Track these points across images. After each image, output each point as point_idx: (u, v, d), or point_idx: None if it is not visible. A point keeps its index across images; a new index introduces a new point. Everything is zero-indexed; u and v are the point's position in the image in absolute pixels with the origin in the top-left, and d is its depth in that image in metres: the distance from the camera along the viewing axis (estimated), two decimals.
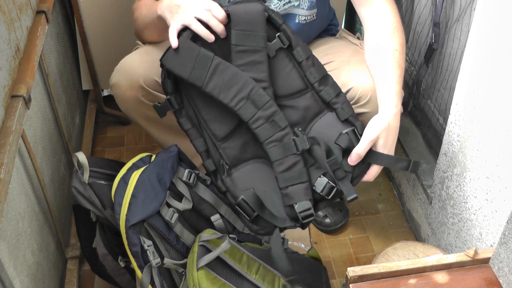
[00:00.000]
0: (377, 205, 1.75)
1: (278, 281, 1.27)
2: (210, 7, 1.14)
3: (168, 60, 1.15)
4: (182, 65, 1.14)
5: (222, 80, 1.12)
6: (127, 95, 1.32)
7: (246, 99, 1.12)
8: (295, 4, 1.37)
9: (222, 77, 1.12)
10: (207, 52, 1.13)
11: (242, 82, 1.12)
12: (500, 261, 0.96)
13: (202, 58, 1.13)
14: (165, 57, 1.15)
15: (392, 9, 1.27)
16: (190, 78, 1.14)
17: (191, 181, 1.28)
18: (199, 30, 1.14)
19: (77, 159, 1.25)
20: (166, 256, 1.21)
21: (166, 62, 1.15)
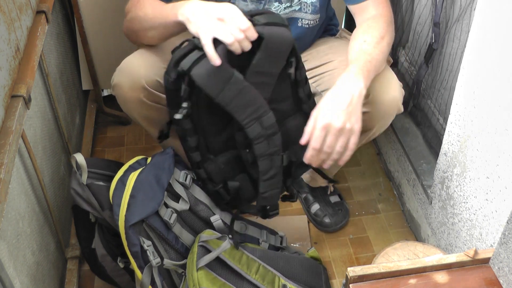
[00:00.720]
0: (377, 205, 1.75)
1: (278, 281, 1.27)
2: (245, 28, 1.11)
3: (200, 75, 1.13)
4: (213, 84, 1.14)
5: (242, 100, 1.17)
6: (129, 96, 1.31)
7: (257, 119, 1.20)
8: (296, 9, 1.37)
9: (243, 98, 1.17)
10: (238, 75, 1.15)
11: (258, 105, 1.20)
12: (500, 261, 0.96)
13: (234, 81, 1.15)
14: (197, 71, 1.12)
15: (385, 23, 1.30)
16: (217, 98, 1.15)
17: (187, 182, 1.29)
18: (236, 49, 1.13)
19: (75, 161, 1.25)
20: (165, 256, 1.21)
21: (196, 77, 1.13)
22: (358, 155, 1.89)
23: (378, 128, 1.36)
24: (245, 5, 1.35)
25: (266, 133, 1.22)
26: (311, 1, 1.37)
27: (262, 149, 1.23)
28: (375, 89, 1.26)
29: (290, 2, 1.36)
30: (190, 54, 1.14)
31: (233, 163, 1.31)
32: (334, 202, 1.68)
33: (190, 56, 1.14)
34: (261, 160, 1.24)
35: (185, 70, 1.13)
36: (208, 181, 1.32)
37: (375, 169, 1.87)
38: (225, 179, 1.32)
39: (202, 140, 1.27)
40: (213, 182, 1.32)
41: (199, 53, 1.13)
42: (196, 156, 1.28)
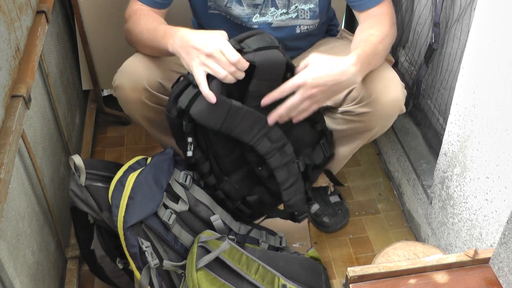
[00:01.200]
0: (377, 205, 1.75)
1: (278, 281, 1.27)
2: (235, 60, 1.11)
3: (198, 113, 1.14)
4: (213, 118, 1.15)
5: (246, 124, 1.18)
6: (131, 97, 1.31)
7: (264, 136, 1.21)
8: (293, 16, 1.38)
9: (246, 122, 1.18)
10: (237, 104, 1.16)
11: (263, 123, 1.21)
12: (500, 261, 0.96)
13: (233, 110, 1.16)
14: (195, 109, 1.14)
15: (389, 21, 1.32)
16: (220, 129, 1.17)
17: (187, 183, 1.29)
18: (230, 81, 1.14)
19: (74, 162, 1.24)
20: (165, 257, 1.21)
21: (195, 115, 1.15)
22: (358, 155, 1.89)
23: (380, 128, 1.36)
24: (241, 9, 1.35)
25: (277, 146, 1.24)
26: (308, 7, 1.37)
27: (276, 161, 1.25)
28: (378, 90, 1.26)
29: (286, 9, 1.36)
30: (186, 90, 1.16)
31: (248, 178, 1.33)
32: (334, 202, 1.68)
33: (187, 92, 1.16)
34: (277, 171, 1.26)
35: (183, 108, 1.15)
36: (227, 200, 1.35)
37: (375, 169, 1.87)
38: (243, 195, 1.35)
39: (215, 164, 1.30)
40: (232, 200, 1.35)
41: (194, 90, 1.15)
42: (211, 180, 1.32)
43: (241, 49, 1.15)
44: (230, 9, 1.36)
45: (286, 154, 1.25)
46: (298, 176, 1.30)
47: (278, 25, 1.38)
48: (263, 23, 1.38)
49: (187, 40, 1.16)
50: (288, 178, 1.28)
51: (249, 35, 1.19)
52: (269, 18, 1.37)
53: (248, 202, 1.36)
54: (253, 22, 1.37)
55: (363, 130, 1.36)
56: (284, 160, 1.25)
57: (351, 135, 1.41)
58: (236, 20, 1.38)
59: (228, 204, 1.35)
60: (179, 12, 1.50)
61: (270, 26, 1.38)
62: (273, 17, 1.37)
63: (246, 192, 1.35)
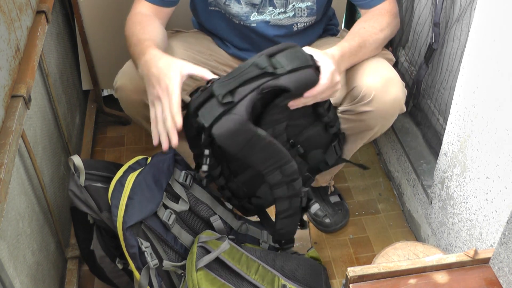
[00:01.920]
0: (377, 205, 1.75)
1: (278, 281, 1.27)
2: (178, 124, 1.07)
3: (221, 135, 1.07)
4: (234, 142, 1.09)
5: (263, 155, 1.14)
6: (132, 98, 1.31)
7: (278, 168, 1.17)
8: (290, 15, 1.38)
9: (265, 152, 1.14)
10: (262, 133, 1.11)
11: (280, 156, 1.16)
12: (500, 261, 0.96)
13: (255, 139, 1.11)
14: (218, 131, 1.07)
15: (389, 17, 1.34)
16: (237, 155, 1.12)
17: (188, 183, 1.29)
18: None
19: (73, 162, 1.24)
20: (164, 257, 1.21)
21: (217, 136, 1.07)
22: (358, 155, 1.89)
23: (380, 128, 1.36)
24: (240, 8, 1.36)
25: (287, 180, 1.20)
26: (306, 5, 1.37)
27: (281, 193, 1.22)
28: (378, 89, 1.26)
29: (284, 8, 1.37)
30: (209, 104, 1.09)
31: (253, 180, 1.32)
32: (334, 202, 1.68)
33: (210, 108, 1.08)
34: (279, 201, 1.23)
35: (206, 126, 1.08)
36: (234, 198, 1.35)
37: (375, 169, 1.87)
38: (248, 195, 1.35)
39: (225, 166, 1.28)
40: (239, 198, 1.35)
41: (220, 108, 1.07)
42: (221, 181, 1.30)
43: (273, 69, 1.09)
44: (229, 7, 1.36)
45: (293, 188, 1.22)
46: (297, 210, 1.27)
47: (275, 23, 1.39)
48: (261, 21, 1.38)
49: (148, 67, 1.14)
50: (288, 209, 1.26)
51: (281, 49, 1.13)
52: (267, 17, 1.38)
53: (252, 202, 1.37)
54: (251, 20, 1.38)
55: (363, 129, 1.36)
56: (289, 193, 1.22)
57: (351, 135, 1.41)
58: (235, 18, 1.38)
59: (234, 202, 1.36)
60: (179, 12, 1.50)
61: (268, 24, 1.39)
62: (271, 16, 1.37)
63: (251, 191, 1.35)
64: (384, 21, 1.32)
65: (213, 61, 1.47)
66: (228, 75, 1.11)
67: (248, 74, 1.09)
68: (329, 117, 1.28)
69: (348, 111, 1.35)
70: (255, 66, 1.10)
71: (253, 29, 1.40)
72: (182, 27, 1.55)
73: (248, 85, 1.09)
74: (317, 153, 1.34)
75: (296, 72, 1.10)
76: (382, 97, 1.27)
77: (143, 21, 1.30)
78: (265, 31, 1.40)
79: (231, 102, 1.07)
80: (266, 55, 1.11)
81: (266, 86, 1.09)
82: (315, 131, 1.30)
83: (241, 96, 1.08)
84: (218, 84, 1.09)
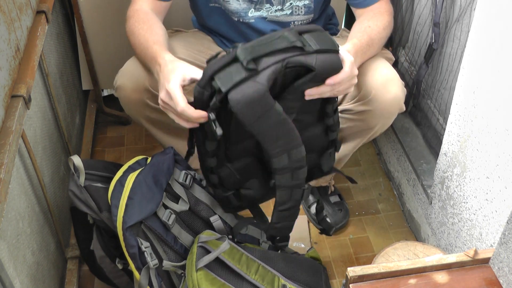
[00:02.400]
0: (377, 205, 1.75)
1: (278, 281, 1.27)
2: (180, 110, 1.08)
3: (238, 102, 1.02)
4: (249, 113, 1.04)
5: (275, 132, 1.09)
6: (132, 98, 1.31)
7: (286, 151, 1.12)
8: (288, 13, 1.39)
9: (277, 131, 1.09)
10: (278, 107, 1.06)
11: (291, 138, 1.12)
12: (500, 261, 0.96)
13: (271, 113, 1.06)
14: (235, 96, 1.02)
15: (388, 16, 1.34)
16: (249, 127, 1.07)
17: (187, 183, 1.29)
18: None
19: (73, 163, 1.24)
20: (164, 257, 1.21)
21: (234, 102, 1.02)
22: (358, 155, 1.89)
23: (380, 127, 1.36)
24: (238, 4, 1.36)
25: (293, 166, 1.15)
26: (303, 4, 1.38)
27: (283, 181, 1.17)
28: (377, 88, 1.26)
29: (281, 5, 1.37)
30: (229, 68, 1.04)
31: (247, 169, 1.27)
32: (334, 202, 1.68)
33: (231, 72, 1.04)
34: (280, 190, 1.18)
35: (222, 91, 1.03)
36: (219, 187, 1.28)
37: (375, 169, 1.87)
38: (236, 185, 1.28)
39: (223, 147, 1.21)
40: (224, 188, 1.28)
41: (243, 73, 1.03)
42: (212, 162, 1.22)
43: (302, 45, 1.06)
44: (228, 3, 1.37)
45: (297, 178, 1.17)
46: (297, 203, 1.22)
47: (272, 19, 1.40)
48: (258, 17, 1.39)
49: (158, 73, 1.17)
50: (288, 201, 1.21)
51: (310, 29, 1.10)
52: (264, 13, 1.38)
53: (240, 194, 1.29)
54: (249, 16, 1.39)
55: (363, 128, 1.36)
56: (292, 183, 1.17)
57: (351, 134, 1.41)
58: (233, 15, 1.39)
59: (218, 192, 1.28)
60: (179, 12, 1.51)
61: (265, 20, 1.39)
62: (268, 13, 1.38)
63: (241, 182, 1.28)
64: (385, 20, 1.33)
65: None
66: (255, 42, 1.07)
67: (276, 45, 1.06)
68: (334, 119, 1.26)
69: (348, 110, 1.35)
70: (284, 38, 1.06)
71: (251, 26, 1.40)
72: (182, 26, 1.56)
73: (273, 56, 1.05)
74: (312, 157, 1.29)
75: (324, 54, 1.08)
76: (381, 96, 1.27)
77: (147, 20, 1.30)
78: (261, 27, 1.40)
79: (254, 69, 1.03)
80: (296, 31, 1.08)
81: (292, 61, 1.05)
82: (315, 132, 1.28)
83: (265, 65, 1.03)
84: (244, 49, 1.04)
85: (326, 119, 1.26)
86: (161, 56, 1.19)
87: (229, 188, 1.28)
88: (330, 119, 1.25)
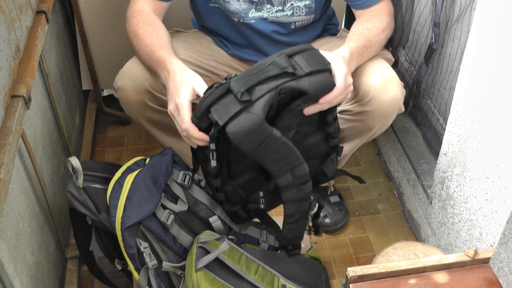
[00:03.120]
0: (377, 205, 1.75)
1: (278, 281, 1.27)
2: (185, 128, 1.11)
3: (236, 134, 1.04)
4: (248, 142, 1.06)
5: (276, 155, 1.10)
6: (133, 99, 1.31)
7: (289, 170, 1.14)
8: (288, 14, 1.39)
9: (277, 154, 1.10)
10: (277, 134, 1.08)
11: (292, 158, 1.13)
12: (500, 261, 0.96)
13: (270, 140, 1.07)
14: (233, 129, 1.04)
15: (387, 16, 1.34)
16: (250, 155, 1.08)
17: (186, 183, 1.29)
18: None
19: (71, 164, 1.24)
20: (163, 258, 1.21)
21: (232, 135, 1.04)
22: (358, 155, 1.89)
23: (379, 127, 1.36)
24: (238, 4, 1.36)
25: (297, 182, 1.16)
26: (304, 4, 1.38)
27: (290, 196, 1.18)
28: (376, 88, 1.26)
29: (282, 6, 1.37)
30: (224, 99, 1.06)
31: (250, 182, 1.28)
32: (334, 202, 1.68)
33: (226, 105, 1.05)
34: (288, 205, 1.20)
35: (220, 124, 1.05)
36: (227, 203, 1.30)
37: (375, 169, 1.87)
38: (243, 200, 1.30)
39: (225, 167, 1.23)
40: (232, 203, 1.30)
41: (237, 106, 1.04)
42: (216, 182, 1.24)
43: (293, 70, 1.07)
44: (228, 4, 1.37)
45: (303, 192, 1.18)
46: (305, 214, 1.23)
47: (273, 20, 1.40)
48: (259, 17, 1.39)
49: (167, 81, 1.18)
50: (295, 213, 1.21)
51: (300, 50, 1.11)
52: (264, 14, 1.38)
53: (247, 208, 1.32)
54: (249, 17, 1.38)
55: (362, 129, 1.36)
56: (298, 196, 1.18)
57: (350, 134, 1.41)
58: (233, 16, 1.39)
59: (226, 207, 1.31)
60: (179, 12, 1.51)
61: (265, 21, 1.39)
62: (269, 13, 1.38)
63: (248, 196, 1.30)
64: (384, 21, 1.32)
65: (213, 61, 1.47)
66: (247, 72, 1.08)
67: (268, 73, 1.07)
68: (334, 127, 1.26)
69: (347, 111, 1.35)
70: (275, 65, 1.08)
71: (251, 26, 1.40)
72: (182, 27, 1.56)
73: (266, 84, 1.06)
74: (314, 164, 1.30)
75: (316, 75, 1.09)
76: (380, 97, 1.27)
77: (151, 22, 1.30)
78: (262, 27, 1.40)
79: (249, 101, 1.04)
80: (286, 55, 1.09)
81: (285, 87, 1.07)
82: (315, 140, 1.28)
83: (259, 95, 1.05)
84: (237, 81, 1.06)
85: (327, 128, 1.26)
86: (170, 61, 1.19)
87: (236, 202, 1.30)
88: (330, 127, 1.26)
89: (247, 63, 1.51)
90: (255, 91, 1.05)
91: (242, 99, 1.04)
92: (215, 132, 1.09)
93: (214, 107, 1.06)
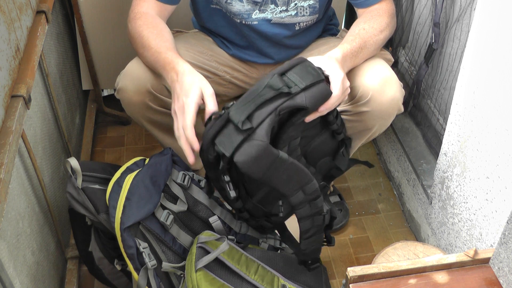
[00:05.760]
0: (377, 205, 1.75)
1: (277, 281, 1.27)
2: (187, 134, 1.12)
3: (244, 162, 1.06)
4: (257, 167, 1.07)
5: (286, 175, 1.11)
6: (134, 100, 1.31)
7: (300, 188, 1.14)
8: (292, 14, 1.38)
9: (287, 173, 1.11)
10: (284, 156, 1.09)
11: (302, 176, 1.14)
12: (500, 261, 0.96)
13: (278, 163, 1.08)
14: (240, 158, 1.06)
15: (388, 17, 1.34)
16: (261, 178, 1.09)
17: (185, 183, 1.28)
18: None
19: (70, 165, 1.24)
20: (163, 258, 1.21)
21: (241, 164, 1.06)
22: (358, 155, 1.89)
23: (379, 128, 1.36)
24: (241, 5, 1.36)
25: (309, 198, 1.17)
26: (308, 4, 1.37)
27: (304, 213, 1.18)
28: (375, 89, 1.26)
29: (286, 6, 1.37)
30: (226, 130, 1.08)
31: (269, 195, 1.29)
32: (334, 202, 1.68)
33: (229, 136, 1.07)
34: (302, 221, 1.20)
35: (227, 156, 1.07)
36: (252, 220, 1.32)
37: (375, 169, 1.87)
38: (266, 214, 1.32)
39: (242, 189, 1.25)
40: (256, 218, 1.32)
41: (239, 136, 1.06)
42: (238, 204, 1.26)
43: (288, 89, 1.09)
44: (230, 5, 1.36)
45: (315, 207, 1.18)
46: (320, 228, 1.23)
47: (277, 21, 1.39)
48: (263, 19, 1.38)
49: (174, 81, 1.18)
50: (311, 228, 1.21)
51: (291, 66, 1.13)
52: (269, 15, 1.38)
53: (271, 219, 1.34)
54: (252, 18, 1.38)
55: (361, 129, 1.36)
56: (311, 212, 1.19)
57: (350, 135, 1.41)
58: (236, 17, 1.38)
59: (252, 223, 1.33)
60: (179, 12, 1.50)
61: (269, 23, 1.39)
62: (273, 14, 1.37)
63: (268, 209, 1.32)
64: (383, 22, 1.32)
65: (214, 61, 1.47)
66: (243, 99, 1.09)
67: (264, 97, 1.08)
68: (337, 124, 1.28)
69: (346, 111, 1.35)
70: (269, 87, 1.09)
71: (254, 28, 1.40)
72: (182, 27, 1.56)
73: (265, 108, 1.08)
74: (326, 161, 1.34)
75: (311, 88, 1.11)
76: (379, 97, 1.27)
77: (156, 24, 1.30)
78: (265, 29, 1.40)
79: (251, 128, 1.06)
80: (278, 74, 1.11)
81: (284, 107, 1.09)
82: (322, 139, 1.30)
83: (259, 120, 1.07)
84: (235, 110, 1.07)
85: (330, 126, 1.28)
86: (178, 63, 1.19)
87: (259, 217, 1.32)
88: (334, 125, 1.28)
89: (248, 64, 1.51)
90: (255, 117, 1.07)
91: (244, 128, 1.05)
92: (225, 164, 1.11)
93: (218, 139, 1.08)
